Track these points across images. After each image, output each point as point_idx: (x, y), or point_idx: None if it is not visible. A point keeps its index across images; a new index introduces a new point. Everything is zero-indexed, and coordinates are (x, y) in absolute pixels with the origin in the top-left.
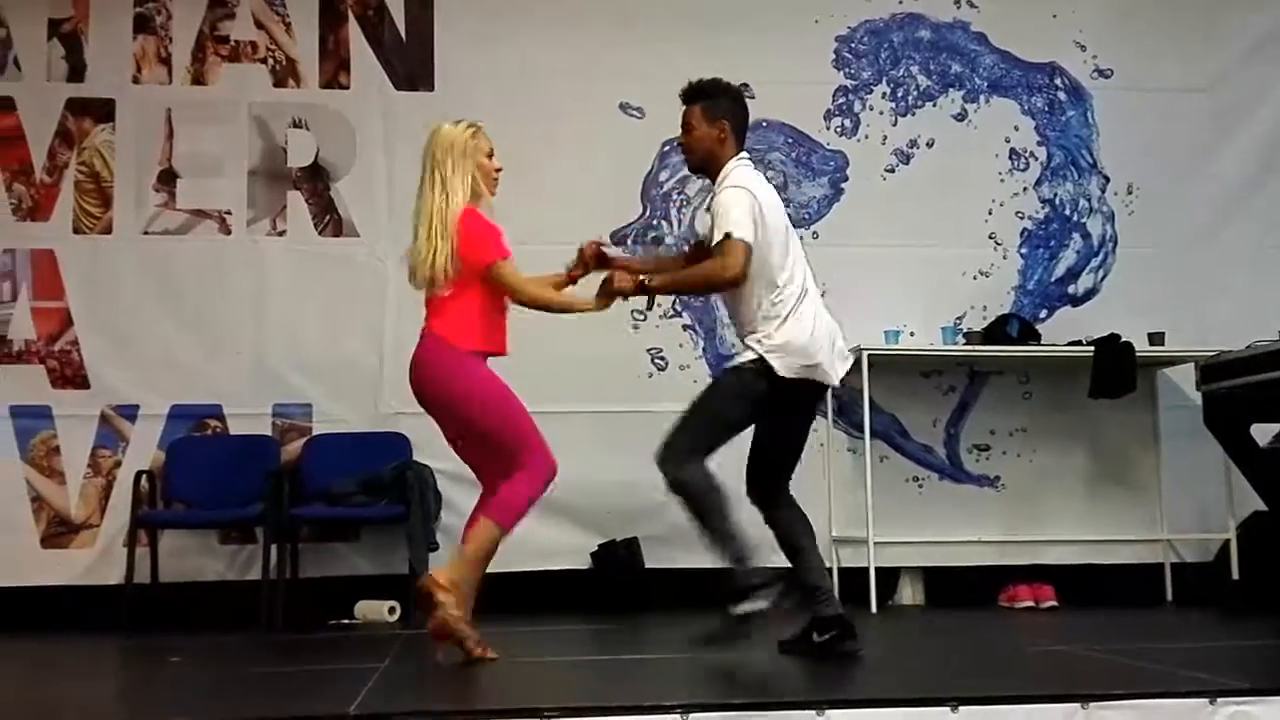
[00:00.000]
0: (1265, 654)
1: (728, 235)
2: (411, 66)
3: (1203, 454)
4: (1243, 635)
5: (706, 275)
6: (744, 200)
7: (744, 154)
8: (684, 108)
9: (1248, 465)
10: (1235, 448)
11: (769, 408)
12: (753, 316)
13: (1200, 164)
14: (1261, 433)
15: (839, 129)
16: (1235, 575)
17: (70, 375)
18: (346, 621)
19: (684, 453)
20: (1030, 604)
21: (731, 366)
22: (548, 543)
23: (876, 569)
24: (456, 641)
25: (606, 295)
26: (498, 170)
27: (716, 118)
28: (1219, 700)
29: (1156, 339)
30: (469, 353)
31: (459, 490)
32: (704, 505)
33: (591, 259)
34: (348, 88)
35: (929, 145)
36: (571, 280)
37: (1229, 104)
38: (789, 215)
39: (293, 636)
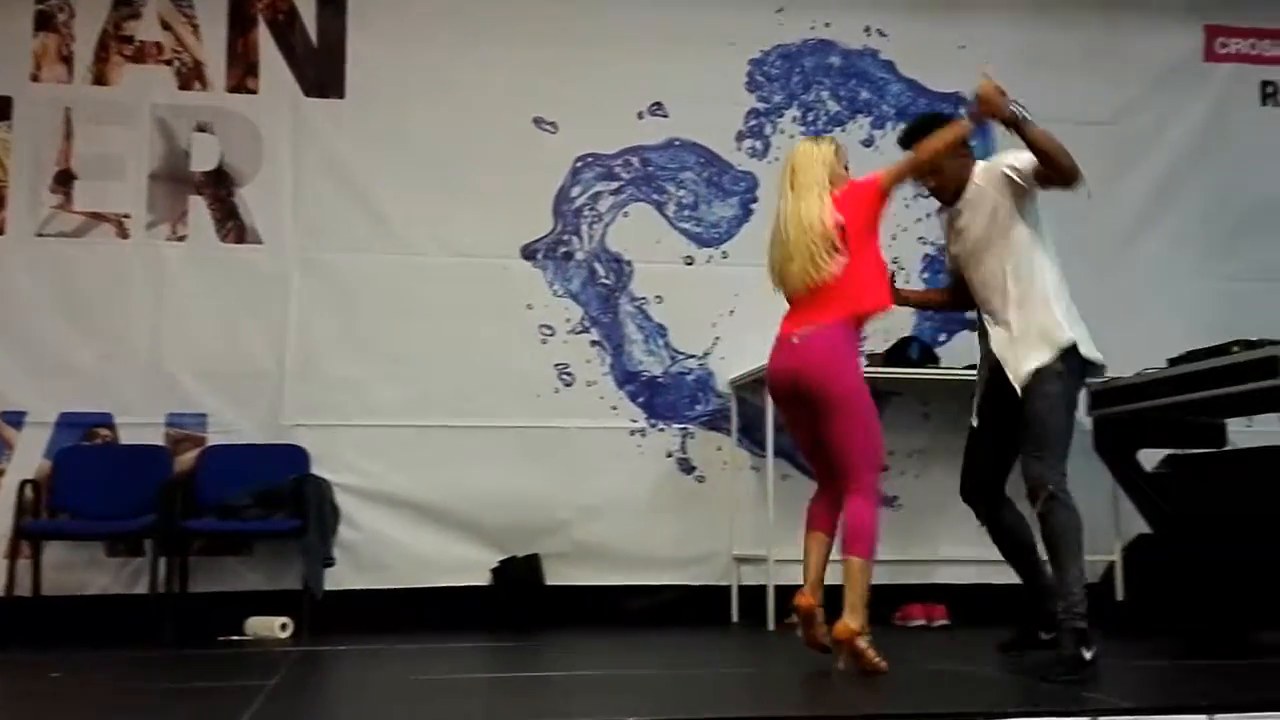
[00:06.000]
0: (1148, 673)
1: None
2: (322, 73)
3: (1092, 477)
4: (1126, 655)
5: (1067, 155)
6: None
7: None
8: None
9: (1133, 489)
10: (1122, 472)
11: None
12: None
13: (1097, 195)
14: (1148, 458)
15: (750, 150)
16: (1120, 596)
17: None
18: (236, 638)
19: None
20: (923, 622)
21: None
22: (448, 559)
23: (776, 587)
24: (871, 670)
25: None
26: None
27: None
28: (1101, 719)
29: None
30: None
31: (357, 504)
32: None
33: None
34: (255, 92)
35: None
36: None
37: (1125, 138)
38: (699, 234)
39: (180, 653)
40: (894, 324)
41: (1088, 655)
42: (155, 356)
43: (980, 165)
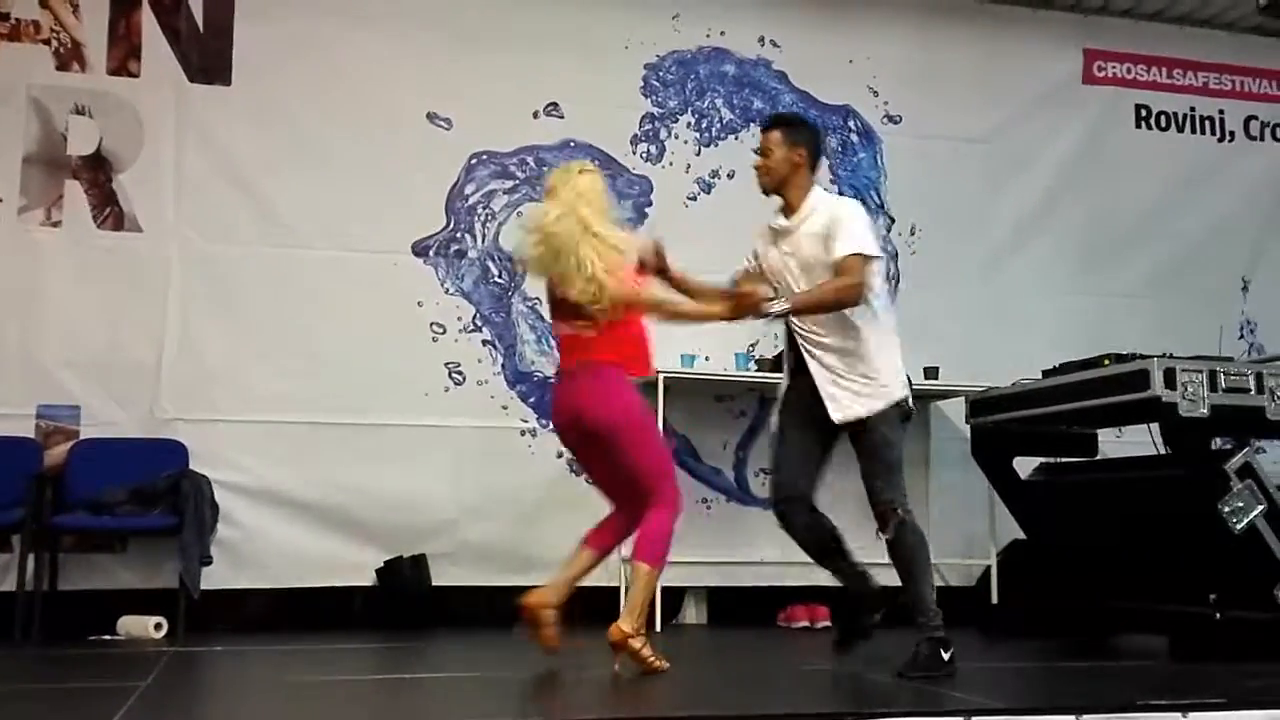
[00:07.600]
0: (1019, 675)
1: (857, 253)
2: (208, 59)
3: (969, 484)
4: (999, 657)
5: (838, 292)
6: (865, 217)
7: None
8: (763, 133)
9: (1009, 496)
10: (999, 479)
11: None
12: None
13: (978, 210)
14: (1023, 465)
15: (645, 154)
16: (994, 600)
17: None
18: (108, 637)
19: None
20: (806, 624)
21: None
22: (332, 558)
23: (663, 588)
24: (649, 671)
25: (738, 309)
26: None
27: (795, 144)
28: (974, 718)
29: (931, 373)
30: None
31: (238, 502)
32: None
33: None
34: (137, 76)
35: (729, 176)
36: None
37: (1007, 156)
38: None
39: (49, 652)
40: (783, 329)
41: (945, 656)
42: (26, 345)
43: (825, 201)
